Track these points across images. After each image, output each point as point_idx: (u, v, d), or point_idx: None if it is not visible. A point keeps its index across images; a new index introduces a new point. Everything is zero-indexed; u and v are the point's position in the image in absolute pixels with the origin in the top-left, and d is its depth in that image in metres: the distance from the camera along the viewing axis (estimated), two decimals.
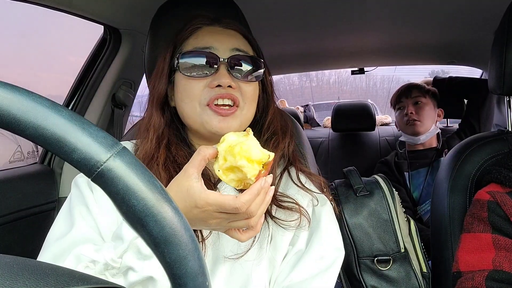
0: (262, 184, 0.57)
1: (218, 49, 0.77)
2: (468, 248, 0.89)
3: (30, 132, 0.29)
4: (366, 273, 1.06)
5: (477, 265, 0.85)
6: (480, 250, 0.86)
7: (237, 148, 0.58)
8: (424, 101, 1.99)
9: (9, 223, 1.30)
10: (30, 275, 0.29)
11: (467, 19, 1.68)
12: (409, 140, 2.02)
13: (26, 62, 4.07)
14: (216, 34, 0.80)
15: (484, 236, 0.87)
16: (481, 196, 0.92)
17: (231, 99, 0.75)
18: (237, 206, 0.55)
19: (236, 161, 0.57)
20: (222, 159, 0.59)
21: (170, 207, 0.32)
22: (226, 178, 0.60)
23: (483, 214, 0.89)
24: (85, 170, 0.31)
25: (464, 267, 0.87)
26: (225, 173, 0.60)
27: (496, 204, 0.88)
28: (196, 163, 0.58)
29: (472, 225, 0.91)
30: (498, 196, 0.88)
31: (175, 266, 0.32)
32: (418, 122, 1.94)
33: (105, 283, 0.33)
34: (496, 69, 1.03)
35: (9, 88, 0.29)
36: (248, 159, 0.57)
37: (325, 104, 7.43)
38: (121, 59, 1.60)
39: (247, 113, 0.79)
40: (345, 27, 1.80)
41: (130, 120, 1.83)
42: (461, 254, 0.90)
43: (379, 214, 1.08)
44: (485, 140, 1.08)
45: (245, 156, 0.57)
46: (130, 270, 0.56)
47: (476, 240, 0.88)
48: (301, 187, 0.81)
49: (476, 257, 0.86)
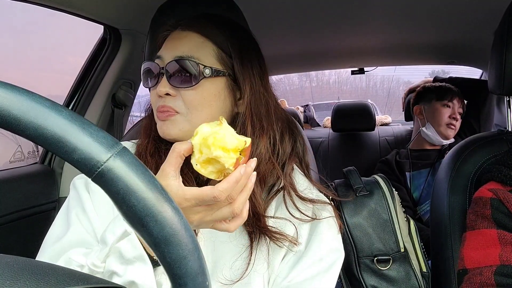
0: (241, 172, 0.57)
1: (163, 58, 0.76)
2: (473, 245, 0.88)
3: (30, 132, 0.29)
4: (366, 272, 1.06)
5: (483, 261, 0.84)
6: (486, 246, 0.86)
7: (211, 139, 0.57)
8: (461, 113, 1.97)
9: (10, 223, 1.30)
10: (30, 275, 0.29)
11: (467, 19, 1.68)
12: (434, 137, 1.97)
13: (26, 62, 4.07)
14: (171, 41, 0.79)
15: (489, 232, 0.86)
16: (482, 193, 0.92)
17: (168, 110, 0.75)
18: (215, 195, 0.55)
19: (212, 152, 0.56)
20: (198, 153, 0.58)
21: (170, 207, 0.32)
22: (205, 171, 0.58)
23: (486, 211, 0.88)
24: (86, 170, 0.31)
25: (470, 264, 0.87)
26: (203, 166, 0.58)
27: (499, 202, 0.88)
28: (172, 161, 0.58)
29: (475, 222, 0.90)
30: (501, 193, 0.88)
31: (175, 266, 0.32)
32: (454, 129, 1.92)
33: (105, 283, 0.33)
34: (496, 69, 1.03)
35: (9, 88, 0.29)
36: (224, 148, 0.56)
37: (325, 104, 7.42)
38: (121, 59, 1.60)
39: (194, 120, 0.74)
40: (345, 27, 1.80)
41: (130, 120, 1.83)
42: (466, 252, 0.89)
43: (379, 214, 1.08)
44: (484, 140, 1.08)
45: (220, 146, 0.56)
46: (114, 274, 0.56)
47: (481, 236, 0.87)
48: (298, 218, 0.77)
49: (482, 253, 0.85)
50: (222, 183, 0.56)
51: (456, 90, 2.00)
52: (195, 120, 0.74)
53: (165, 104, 0.74)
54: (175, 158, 0.58)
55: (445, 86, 2.02)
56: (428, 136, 1.99)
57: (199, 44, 0.77)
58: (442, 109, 1.96)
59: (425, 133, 2.01)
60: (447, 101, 1.96)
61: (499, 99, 2.16)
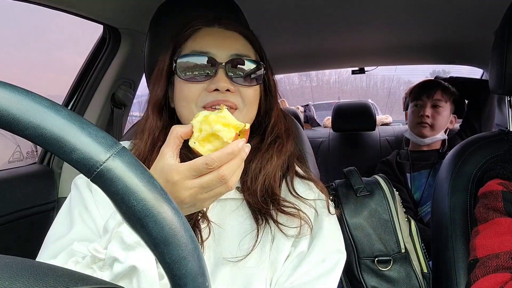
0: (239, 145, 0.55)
1: (216, 54, 0.76)
2: (488, 234, 0.87)
3: (29, 132, 0.29)
4: (367, 273, 1.06)
5: (499, 247, 0.83)
6: (502, 234, 0.84)
7: (213, 116, 0.58)
8: (443, 107, 1.91)
9: (8, 223, 1.30)
10: (29, 276, 0.28)
11: (468, 19, 1.68)
12: (413, 139, 1.99)
13: (25, 61, 4.07)
14: (216, 37, 0.79)
15: (504, 220, 0.85)
16: (492, 187, 0.91)
17: (228, 106, 0.75)
18: (207, 162, 0.54)
19: (212, 127, 0.57)
20: (197, 131, 0.58)
21: (170, 207, 0.32)
22: (203, 149, 0.58)
23: (498, 204, 0.87)
24: (85, 170, 0.30)
25: (482, 253, 0.85)
26: (202, 144, 0.58)
27: (511, 194, 0.87)
28: (170, 142, 0.58)
29: (487, 214, 0.89)
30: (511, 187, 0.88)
31: (175, 266, 0.32)
32: (429, 126, 1.90)
33: (105, 283, 0.33)
34: (497, 69, 1.03)
35: (9, 88, 0.29)
36: (224, 124, 0.57)
37: (325, 104, 7.43)
38: (120, 59, 1.60)
39: (246, 116, 0.78)
40: (346, 26, 1.79)
41: (129, 120, 1.83)
42: (479, 241, 0.88)
43: (379, 215, 1.08)
44: (485, 140, 1.08)
45: (221, 121, 0.57)
46: (116, 261, 0.55)
47: (495, 225, 0.86)
48: (297, 197, 0.80)
49: (498, 240, 0.84)
50: (217, 152, 0.55)
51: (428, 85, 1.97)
52: (248, 116, 0.79)
53: (228, 99, 0.75)
54: (173, 139, 0.59)
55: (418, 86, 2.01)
56: (411, 138, 2.02)
57: (246, 46, 0.81)
58: (412, 110, 1.98)
59: (408, 136, 2.04)
60: (416, 102, 1.97)
61: (500, 99, 2.16)
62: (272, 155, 0.80)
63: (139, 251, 0.55)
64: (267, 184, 0.78)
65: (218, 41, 0.78)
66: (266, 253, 0.75)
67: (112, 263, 0.55)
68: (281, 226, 0.75)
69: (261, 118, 0.85)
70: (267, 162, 0.79)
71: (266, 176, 0.78)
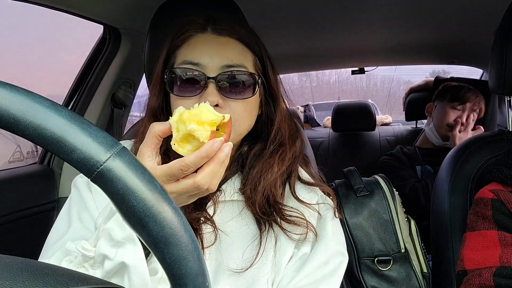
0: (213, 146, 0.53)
1: (208, 64, 0.72)
2: (473, 246, 0.88)
3: (29, 132, 0.29)
4: (367, 273, 1.06)
5: (483, 262, 0.84)
6: (486, 248, 0.86)
7: (185, 114, 0.54)
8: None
9: (9, 224, 1.30)
10: (29, 275, 0.29)
11: (468, 19, 1.68)
12: (433, 137, 1.94)
13: (25, 61, 4.07)
14: (208, 45, 0.74)
15: (490, 233, 0.86)
16: (484, 194, 0.92)
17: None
18: (181, 168, 0.52)
19: (186, 127, 0.54)
20: (176, 131, 0.56)
21: (170, 207, 0.32)
22: (183, 150, 0.56)
23: (487, 212, 0.88)
24: (85, 170, 0.30)
25: (469, 265, 0.87)
26: (181, 145, 0.56)
27: (500, 202, 0.87)
28: (148, 142, 0.57)
29: (476, 223, 0.90)
30: (502, 194, 0.88)
31: (175, 266, 0.32)
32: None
33: (104, 283, 0.33)
34: (497, 69, 1.03)
35: (9, 88, 0.29)
36: (198, 122, 0.54)
37: (325, 104, 7.41)
38: (120, 59, 1.60)
39: (239, 128, 0.75)
40: (346, 27, 1.79)
41: (129, 120, 1.82)
42: (466, 252, 0.89)
43: (379, 214, 1.08)
44: (485, 140, 1.08)
45: (195, 120, 0.54)
46: (106, 258, 0.54)
47: (482, 237, 0.87)
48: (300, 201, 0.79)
49: (482, 254, 0.85)
50: (191, 155, 0.53)
51: (473, 94, 1.91)
52: (242, 128, 0.75)
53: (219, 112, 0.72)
54: (151, 138, 0.57)
55: (464, 88, 1.93)
56: (429, 135, 1.98)
57: (242, 52, 0.76)
58: (450, 111, 1.91)
59: (427, 132, 2.00)
60: (457, 104, 1.90)
61: (500, 99, 2.16)
62: (273, 164, 0.77)
63: (128, 247, 0.54)
64: (267, 194, 0.76)
65: (210, 49, 0.74)
66: (269, 257, 0.74)
67: (102, 261, 0.55)
68: (285, 230, 0.75)
69: (263, 123, 0.82)
70: (267, 171, 0.76)
71: (266, 186, 0.75)
